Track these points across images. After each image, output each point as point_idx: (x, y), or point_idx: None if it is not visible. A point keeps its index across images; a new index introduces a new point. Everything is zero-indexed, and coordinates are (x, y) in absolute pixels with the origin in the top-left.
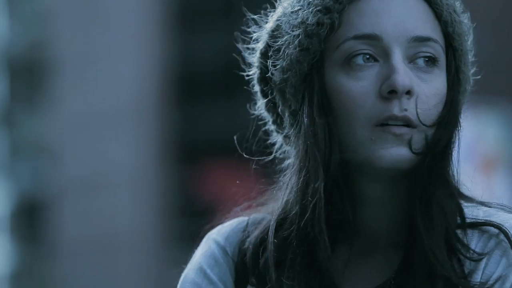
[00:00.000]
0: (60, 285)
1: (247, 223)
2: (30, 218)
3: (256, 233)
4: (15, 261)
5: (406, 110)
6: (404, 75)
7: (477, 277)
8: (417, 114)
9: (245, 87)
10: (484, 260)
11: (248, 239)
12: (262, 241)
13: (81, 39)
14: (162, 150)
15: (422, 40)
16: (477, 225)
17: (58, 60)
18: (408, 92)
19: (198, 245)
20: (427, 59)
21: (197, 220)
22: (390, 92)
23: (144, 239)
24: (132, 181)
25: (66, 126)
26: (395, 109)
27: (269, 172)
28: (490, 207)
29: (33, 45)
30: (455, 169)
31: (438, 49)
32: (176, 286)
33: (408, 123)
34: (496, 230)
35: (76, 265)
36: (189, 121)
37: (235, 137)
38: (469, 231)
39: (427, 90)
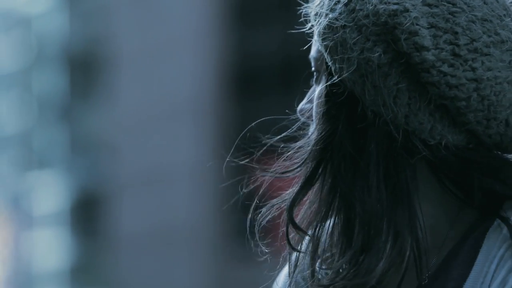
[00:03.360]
0: (119, 279)
1: None
2: (89, 213)
3: None
4: (75, 255)
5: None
6: (304, 100)
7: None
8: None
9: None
10: (496, 261)
11: None
12: None
13: (140, 34)
14: (220, 145)
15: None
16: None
17: (117, 55)
18: (307, 116)
19: (256, 240)
20: (314, 74)
21: (254, 215)
22: None
23: (202, 234)
24: (190, 176)
25: (125, 121)
26: None
27: None
28: None
29: (91, 40)
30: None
31: (314, 61)
32: (234, 278)
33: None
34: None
35: (135, 259)
36: (248, 116)
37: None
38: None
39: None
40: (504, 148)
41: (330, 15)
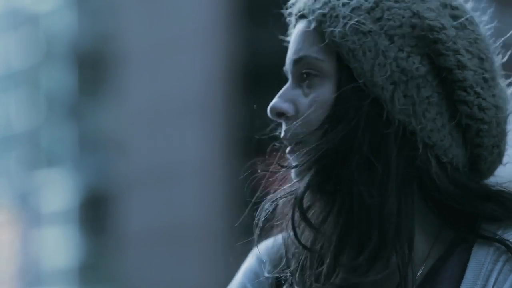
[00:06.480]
0: (127, 277)
1: None
2: (97, 211)
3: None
4: (83, 253)
5: (284, 131)
6: (277, 99)
7: None
8: (289, 131)
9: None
10: (494, 275)
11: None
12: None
13: (148, 32)
14: (228, 143)
15: (297, 62)
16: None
17: (125, 53)
18: (280, 114)
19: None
20: (305, 75)
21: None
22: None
23: (210, 231)
24: (198, 174)
25: (133, 118)
26: (281, 132)
27: None
28: None
29: (100, 38)
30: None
31: (312, 62)
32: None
33: (293, 143)
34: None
35: (143, 256)
36: (256, 114)
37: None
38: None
39: (308, 102)
40: (483, 174)
41: (356, 18)
